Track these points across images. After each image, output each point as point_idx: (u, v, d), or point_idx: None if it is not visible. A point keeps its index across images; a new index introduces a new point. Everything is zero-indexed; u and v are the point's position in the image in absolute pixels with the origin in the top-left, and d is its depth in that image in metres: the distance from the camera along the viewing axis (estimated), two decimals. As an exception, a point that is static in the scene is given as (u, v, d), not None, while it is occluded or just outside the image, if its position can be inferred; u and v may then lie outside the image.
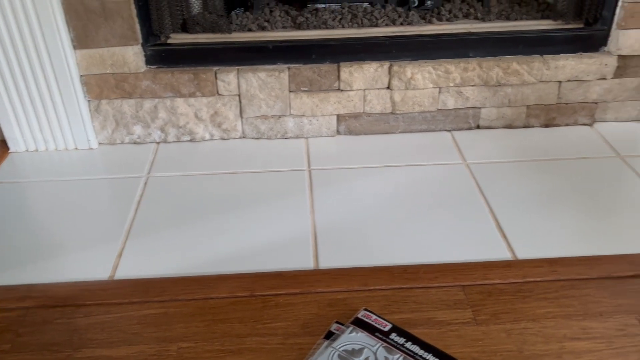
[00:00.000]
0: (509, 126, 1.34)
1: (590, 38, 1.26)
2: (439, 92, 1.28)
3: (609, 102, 1.32)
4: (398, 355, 0.76)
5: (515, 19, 1.30)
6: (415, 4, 1.31)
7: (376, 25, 1.29)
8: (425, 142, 1.30)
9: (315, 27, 1.28)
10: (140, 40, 1.20)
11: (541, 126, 1.34)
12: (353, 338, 0.79)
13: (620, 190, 1.12)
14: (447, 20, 1.30)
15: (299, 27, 1.28)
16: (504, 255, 0.97)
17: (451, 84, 1.27)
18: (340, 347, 0.78)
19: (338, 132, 1.33)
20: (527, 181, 1.16)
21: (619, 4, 1.21)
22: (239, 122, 1.29)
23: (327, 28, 1.28)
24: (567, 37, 1.26)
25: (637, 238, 1.00)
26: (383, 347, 0.77)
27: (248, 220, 1.07)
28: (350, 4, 1.34)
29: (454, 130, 1.34)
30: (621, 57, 1.25)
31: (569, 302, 0.88)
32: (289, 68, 1.24)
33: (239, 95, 1.25)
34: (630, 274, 0.92)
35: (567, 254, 0.97)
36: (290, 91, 1.26)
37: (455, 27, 1.28)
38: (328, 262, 0.97)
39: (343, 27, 1.29)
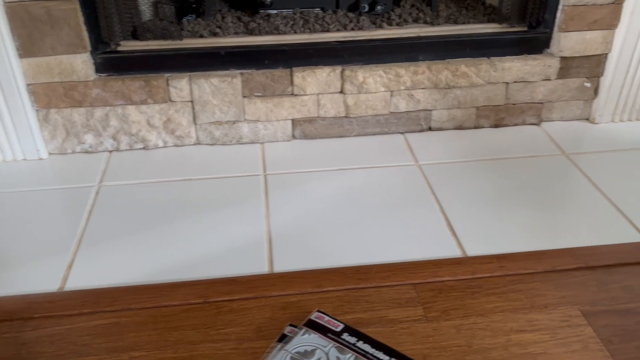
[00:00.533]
0: (460, 127, 1.37)
1: (534, 40, 1.31)
2: (391, 96, 1.30)
3: (554, 102, 1.36)
4: (349, 355, 0.77)
5: (463, 23, 1.33)
6: (366, 9, 1.33)
7: (328, 31, 1.30)
8: (379, 144, 1.32)
9: (267, 33, 1.29)
10: (89, 48, 1.18)
11: (491, 127, 1.38)
12: (305, 340, 0.80)
13: (566, 187, 1.16)
14: (397, 24, 1.33)
15: (251, 32, 1.29)
16: (454, 252, 1.00)
17: (402, 88, 1.29)
18: (292, 350, 0.78)
19: (293, 137, 1.34)
20: (477, 180, 1.19)
21: (560, 7, 1.25)
22: (193, 129, 1.28)
23: (279, 33, 1.29)
24: (512, 39, 1.30)
25: (580, 232, 1.04)
26: (335, 347, 0.78)
27: (202, 226, 1.06)
28: (302, 9, 1.35)
29: (406, 132, 1.36)
30: (563, 59, 1.30)
31: (516, 296, 0.91)
32: (241, 73, 1.24)
33: (191, 101, 1.25)
34: (574, 266, 0.96)
35: (515, 250, 1.00)
36: (243, 96, 1.26)
37: (405, 32, 1.31)
38: (282, 265, 0.97)
39: (295, 32, 1.30)
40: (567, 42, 1.28)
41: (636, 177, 1.18)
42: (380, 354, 0.77)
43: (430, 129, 1.37)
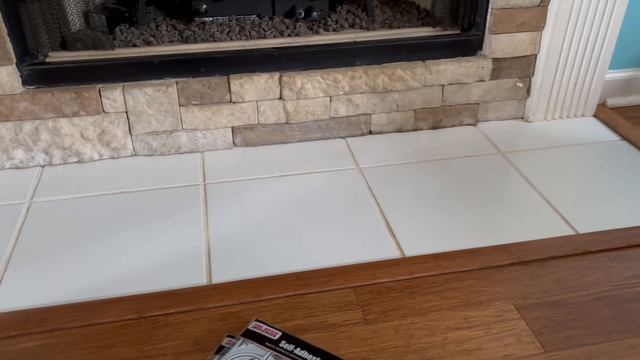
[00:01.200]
0: (399, 130, 1.39)
1: (467, 43, 1.34)
2: (330, 101, 1.31)
3: (489, 102, 1.40)
4: (287, 363, 0.77)
5: (398, 27, 1.35)
6: (302, 15, 1.34)
7: (264, 37, 1.30)
8: (321, 149, 1.33)
9: (203, 41, 1.27)
10: (15, 60, 1.14)
11: (429, 128, 1.40)
12: (243, 350, 0.79)
13: (501, 185, 1.19)
14: (334, 30, 1.34)
15: (186, 41, 1.27)
16: (393, 254, 1.01)
17: (341, 92, 1.30)
18: (229, 361, 0.77)
19: (234, 144, 1.33)
20: (415, 182, 1.20)
21: (489, 10, 1.29)
22: (129, 140, 1.25)
23: (215, 41, 1.28)
24: (446, 42, 1.33)
25: (514, 229, 1.07)
26: (272, 355, 0.78)
27: (139, 240, 1.04)
28: (238, 16, 1.34)
29: (348, 137, 1.37)
30: (495, 60, 1.34)
31: (452, 294, 0.92)
32: (177, 82, 1.22)
33: (126, 112, 1.22)
34: (508, 262, 0.98)
35: (452, 248, 1.02)
36: (180, 105, 1.24)
37: (341, 37, 1.32)
38: (221, 276, 0.96)
39: (231, 39, 1.29)
40: (497, 43, 1.32)
41: (567, 173, 1.23)
42: (317, 360, 0.77)
43: (371, 132, 1.38)
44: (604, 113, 1.46)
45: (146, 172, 1.23)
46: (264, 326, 0.82)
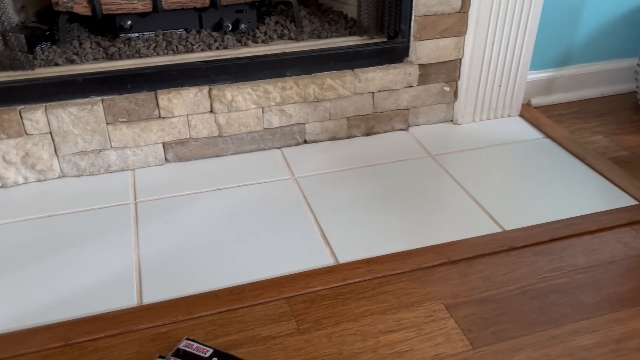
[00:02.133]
0: (334, 138, 1.40)
1: (393, 50, 1.37)
2: (263, 112, 1.31)
3: (419, 107, 1.44)
4: (218, 380, 0.76)
5: (326, 37, 1.37)
6: (230, 28, 1.34)
7: (192, 51, 1.29)
8: (256, 161, 1.33)
9: (128, 57, 1.25)
10: None
11: (362, 135, 1.42)
12: (173, 370, 0.77)
13: (431, 187, 1.22)
14: (263, 41, 1.34)
15: (111, 57, 1.25)
16: (328, 261, 1.02)
17: (272, 103, 1.30)
18: (158, 383, 0.76)
19: (167, 160, 1.31)
20: (350, 188, 1.22)
21: (413, 18, 1.33)
22: (56, 161, 1.22)
23: (141, 57, 1.26)
24: (373, 50, 1.36)
25: (444, 229, 1.09)
26: (203, 374, 0.77)
27: (66, 264, 1.00)
28: (165, 31, 1.33)
29: (283, 147, 1.38)
30: (422, 66, 1.38)
31: (384, 297, 0.94)
32: (102, 100, 1.19)
33: (50, 133, 1.18)
34: (438, 262, 1.01)
35: (385, 252, 1.03)
36: (107, 123, 1.21)
37: (270, 48, 1.32)
38: (152, 296, 0.94)
39: (158, 54, 1.27)
40: (422, 50, 1.36)
41: (494, 172, 1.27)
42: (248, 375, 0.77)
43: (306, 141, 1.39)
44: (528, 112, 1.52)
45: (75, 194, 1.19)
46: (195, 344, 0.81)
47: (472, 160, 1.32)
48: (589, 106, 1.57)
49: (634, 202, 1.16)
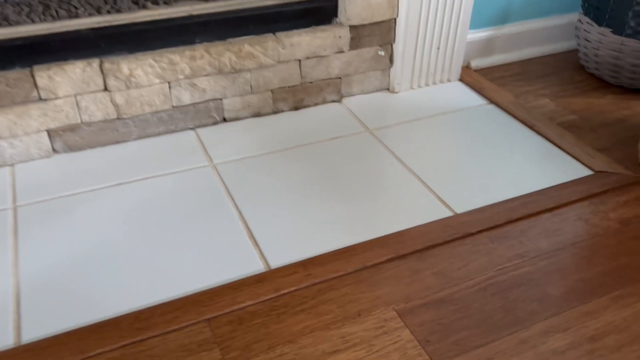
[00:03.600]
0: (258, 114, 1.22)
1: (320, 10, 1.19)
2: (170, 88, 1.10)
3: (352, 75, 1.27)
4: None
5: (242, -4, 1.17)
6: (123, -13, 1.11)
7: (76, 16, 1.05)
8: (166, 146, 1.12)
9: (-7, 25, 1.00)
10: None
11: (291, 109, 1.25)
12: None
13: (372, 168, 1.08)
14: (165, 3, 1.12)
15: (-31, 26, 0.99)
16: (257, 267, 0.85)
17: (181, 77, 1.10)
18: None
19: (55, 151, 1.08)
20: (278, 174, 1.05)
21: (340, -28, 1.15)
22: None
23: (10, 25, 1.01)
24: (298, 11, 1.17)
25: (389, 217, 0.95)
26: None
27: None
28: (40, -8, 1.08)
29: (197, 127, 1.18)
30: (353, 28, 1.21)
31: (327, 307, 0.79)
32: (-40, 81, 0.95)
33: None
34: (385, 258, 0.86)
35: (324, 250, 0.88)
36: (-29, 111, 0.97)
37: (174, 11, 1.10)
38: (35, 332, 0.74)
39: (33, 21, 1.03)
40: (353, 9, 1.19)
41: (438, 146, 1.14)
42: None
43: (225, 120, 1.20)
44: (469, 76, 1.40)
45: None
46: (89, 398, 0.63)
47: (413, 134, 1.18)
48: (530, 67, 1.46)
49: (589, 172, 1.06)
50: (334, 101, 1.28)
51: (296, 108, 1.25)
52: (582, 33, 1.39)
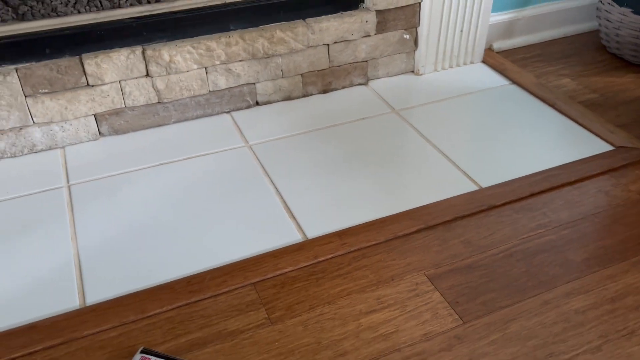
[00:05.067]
0: (288, 98, 1.28)
1: (347, -4, 1.24)
2: (207, 73, 1.17)
3: (378, 59, 1.32)
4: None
5: (272, -16, 1.22)
6: (161, -22, 1.17)
7: (119, 7, 1.12)
8: (203, 128, 1.19)
9: (44, 17, 1.07)
10: None
11: (319, 93, 1.30)
12: (128, 384, 0.66)
13: (399, 146, 1.13)
14: (201, -8, 1.18)
15: (22, 18, 1.06)
16: (295, 237, 0.91)
17: (217, 62, 1.16)
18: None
19: (101, 134, 1.15)
20: (310, 153, 1.11)
21: (367, -41, 1.20)
22: (-33, 144, 1.04)
23: (59, 16, 1.08)
24: (326, -3, 1.22)
25: (417, 191, 1.01)
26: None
27: (-10, 265, 0.86)
28: (84, -16, 1.14)
29: (232, 111, 1.24)
30: (379, 12, 1.26)
31: (362, 273, 0.85)
32: (17, 69, 1.02)
33: (-44, 111, 1.00)
34: (415, 229, 0.92)
35: (356, 222, 0.94)
36: (26, 96, 1.04)
37: (210, -1, 1.17)
38: (97, 295, 0.81)
39: (79, 12, 1.10)
40: (379, -6, 1.24)
41: (462, 125, 1.19)
42: (217, 381, 0.67)
43: (257, 103, 1.26)
44: (491, 58, 1.44)
45: (-6, 180, 1.03)
46: (153, 358, 0.70)
47: (438, 113, 1.23)
48: (552, 48, 1.50)
49: (610, 147, 1.10)
50: (360, 84, 1.34)
51: (324, 91, 1.31)
52: (603, 14, 1.42)
